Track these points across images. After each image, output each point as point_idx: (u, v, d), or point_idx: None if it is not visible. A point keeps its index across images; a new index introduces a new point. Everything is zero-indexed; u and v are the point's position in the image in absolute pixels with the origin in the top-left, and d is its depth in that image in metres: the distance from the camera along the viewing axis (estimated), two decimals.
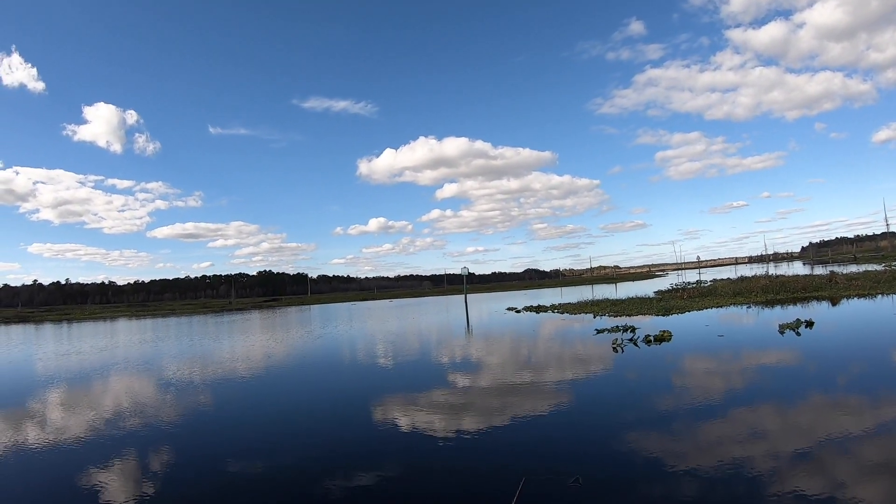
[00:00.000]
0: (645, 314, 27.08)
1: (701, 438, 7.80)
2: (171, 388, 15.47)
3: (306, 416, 11.55)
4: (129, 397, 14.58)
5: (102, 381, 17.98)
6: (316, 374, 17.47)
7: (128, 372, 19.75)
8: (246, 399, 13.81)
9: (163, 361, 22.37)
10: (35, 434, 10.89)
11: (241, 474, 7.99)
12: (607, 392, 11.38)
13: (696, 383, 11.45)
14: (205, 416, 11.98)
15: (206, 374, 17.89)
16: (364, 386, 14.56)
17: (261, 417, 11.60)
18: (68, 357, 26.29)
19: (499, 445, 8.36)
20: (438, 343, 23.92)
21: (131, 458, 8.95)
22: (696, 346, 16.00)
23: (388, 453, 8.38)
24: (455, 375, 14.72)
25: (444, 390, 12.81)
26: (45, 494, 7.52)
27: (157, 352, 26.94)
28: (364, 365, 18.72)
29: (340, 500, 6.69)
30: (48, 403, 14.35)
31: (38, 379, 19.39)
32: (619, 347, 16.50)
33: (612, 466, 7.12)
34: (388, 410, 11.25)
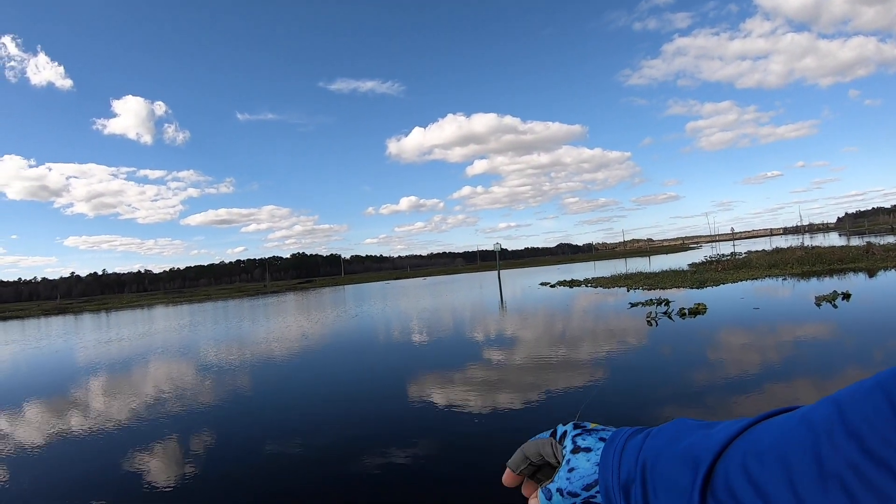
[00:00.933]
0: (679, 287, 26.84)
1: (737, 413, 7.61)
2: (211, 372, 15.82)
3: (343, 395, 11.67)
4: (170, 381, 14.92)
5: (143, 366, 18.43)
6: (352, 352, 17.67)
7: (168, 357, 20.27)
8: (284, 380, 14.04)
9: (201, 345, 22.90)
10: (81, 419, 11.21)
11: (279, 454, 8.11)
12: (642, 366, 11.30)
13: (732, 357, 11.30)
14: (244, 398, 12.20)
15: (244, 357, 18.23)
16: (399, 363, 14.69)
17: (298, 397, 11.79)
18: (110, 345, 27.02)
19: (534, 421, 8.34)
20: (472, 319, 23.99)
21: (173, 440, 9.17)
22: (731, 319, 15.80)
23: (425, 431, 8.45)
24: (490, 351, 14.76)
25: (480, 366, 12.85)
26: (92, 477, 7.69)
27: (195, 336, 27.57)
28: (399, 342, 18.87)
29: (378, 477, 6.77)
30: (93, 390, 14.75)
31: (83, 367, 19.92)
32: (654, 321, 16.40)
33: None
34: (424, 387, 11.33)
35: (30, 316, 78.78)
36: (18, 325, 54.96)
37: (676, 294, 23.48)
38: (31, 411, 12.61)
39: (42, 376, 18.27)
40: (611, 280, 36.34)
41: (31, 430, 10.67)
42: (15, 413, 12.49)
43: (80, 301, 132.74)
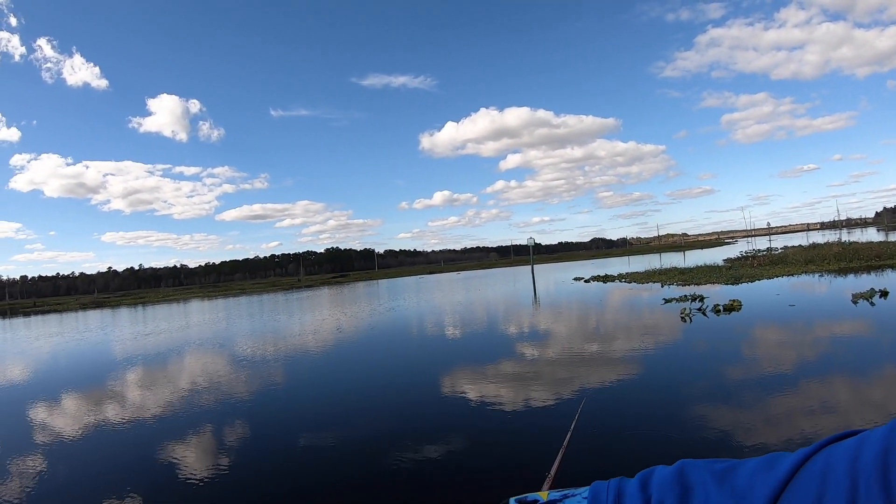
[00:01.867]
0: (714, 283, 26.56)
1: (770, 412, 7.64)
2: (246, 364, 16.07)
3: (377, 388, 11.78)
4: (206, 373, 15.19)
5: (181, 359, 18.82)
6: (386, 346, 17.85)
7: (204, 349, 20.65)
8: (318, 373, 14.20)
9: (237, 338, 23.26)
10: (118, 410, 11.47)
11: (313, 446, 8.22)
12: (675, 362, 11.25)
13: (767, 354, 11.18)
14: (278, 390, 12.38)
15: (278, 350, 18.50)
16: (433, 357, 14.81)
17: (332, 391, 11.91)
18: (148, 338, 27.56)
19: (567, 418, 8.33)
20: (506, 314, 24.02)
21: (208, 432, 9.34)
22: (766, 316, 15.59)
23: (457, 426, 8.49)
24: (523, 346, 14.78)
25: (513, 361, 12.90)
26: (127, 467, 7.85)
27: (230, 330, 28.05)
28: (433, 337, 18.99)
29: (410, 471, 6.81)
30: (131, 381, 15.08)
31: (122, 359, 20.36)
32: (688, 317, 16.22)
33: (680, 439, 7.05)
34: (457, 382, 11.38)
35: (68, 310, 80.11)
36: (57, 319, 56.17)
37: (711, 290, 23.23)
38: (70, 402, 12.99)
39: (82, 368, 18.77)
40: (645, 275, 36.03)
41: (70, 420, 10.95)
42: (55, 403, 12.87)
43: (117, 295, 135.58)
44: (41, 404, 12.82)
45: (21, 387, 15.60)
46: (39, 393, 14.19)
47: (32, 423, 10.99)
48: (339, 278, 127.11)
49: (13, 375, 17.98)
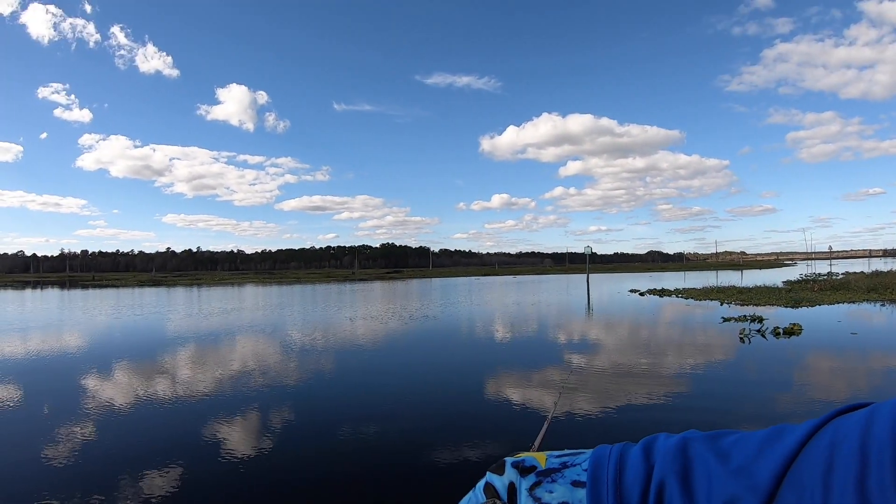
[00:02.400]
0: (773, 305, 26.21)
1: None
2: (296, 351, 16.60)
3: (423, 385, 11.95)
4: (256, 357, 15.66)
5: (233, 340, 19.45)
6: (436, 345, 18.24)
7: (257, 333, 21.34)
8: (366, 365, 14.48)
9: (290, 325, 24.01)
10: (167, 387, 11.83)
11: (354, 437, 8.34)
12: (733, 384, 11.30)
13: (826, 382, 11.17)
14: (325, 380, 12.68)
15: (329, 340, 19.01)
16: (482, 359, 15.03)
17: (378, 384, 12.06)
18: (206, 318, 28.64)
19: (608, 430, 8.39)
20: (559, 322, 24.22)
21: (253, 414, 9.60)
22: (827, 343, 15.44)
23: (500, 429, 8.57)
24: (573, 355, 14.99)
25: (561, 370, 13.05)
26: (170, 444, 8.07)
27: (285, 316, 28.89)
28: (484, 339, 19.33)
29: (448, 471, 6.90)
30: (182, 358, 15.61)
31: (177, 336, 21.06)
32: (747, 338, 16.21)
33: None
34: (503, 386, 11.50)
35: (126, 285, 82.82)
36: (115, 293, 58.01)
37: (770, 312, 23.01)
38: (123, 373, 13.54)
39: (138, 342, 19.56)
40: (702, 292, 35.72)
41: (121, 392, 11.42)
42: (107, 375, 13.34)
43: (173, 275, 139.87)
44: (97, 374, 13.43)
45: (79, 357, 16.24)
46: (96, 363, 14.85)
47: (87, 391, 11.57)
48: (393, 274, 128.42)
49: (71, 345, 18.86)
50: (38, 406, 10.47)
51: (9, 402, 10.70)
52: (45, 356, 16.23)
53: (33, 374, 13.58)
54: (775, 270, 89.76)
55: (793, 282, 43.36)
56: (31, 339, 19.82)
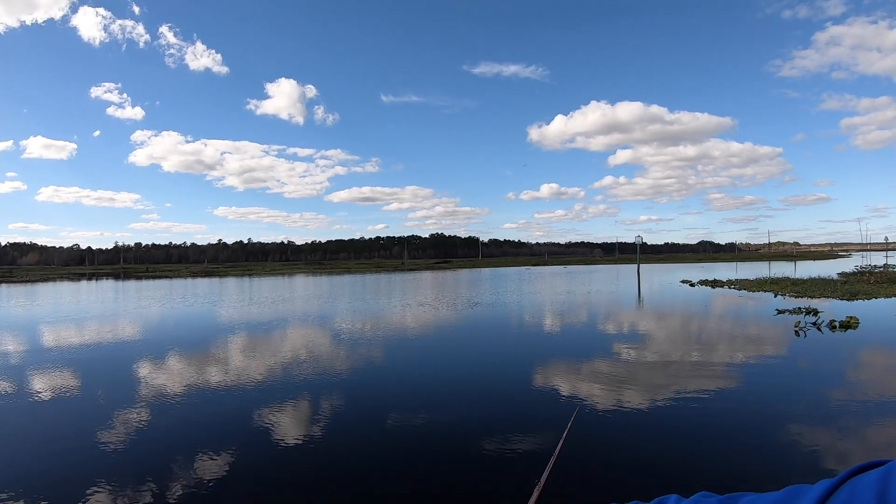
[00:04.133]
0: (828, 297, 25.59)
1: (877, 440, 7.60)
2: (346, 339, 16.94)
3: (470, 376, 11.97)
4: (308, 346, 16.05)
5: (284, 329, 19.97)
6: (484, 335, 18.32)
7: (308, 323, 21.86)
8: (414, 355, 14.70)
9: (341, 314, 24.47)
10: (220, 375, 12.18)
11: (400, 426, 8.48)
12: (788, 378, 11.17)
13: (884, 380, 10.94)
14: (373, 369, 12.91)
15: (378, 329, 19.38)
16: (531, 350, 15.12)
17: (426, 375, 12.24)
18: (258, 307, 29.42)
19: (660, 424, 8.34)
20: (609, 312, 24.20)
21: (304, 401, 9.86)
22: (886, 338, 15.12)
23: (547, 420, 8.58)
24: (622, 347, 14.93)
25: (610, 361, 12.99)
26: (222, 430, 8.35)
27: (336, 305, 29.45)
28: (532, 329, 19.46)
29: (497, 461, 6.92)
30: (234, 348, 15.99)
31: (230, 325, 21.69)
32: (802, 331, 16.02)
33: (771, 457, 6.97)
34: (551, 377, 11.53)
35: (178, 276, 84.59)
36: (168, 284, 59.31)
37: (825, 304, 22.53)
38: (177, 362, 13.90)
39: (192, 331, 20.29)
40: (756, 283, 35.03)
41: (175, 379, 11.79)
42: (162, 363, 13.76)
43: (225, 266, 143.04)
44: (152, 362, 13.89)
45: (134, 346, 16.75)
46: (152, 351, 15.33)
47: (142, 379, 11.98)
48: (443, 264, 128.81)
49: (127, 334, 19.58)
50: (94, 393, 10.86)
51: (67, 389, 11.17)
52: (101, 345, 16.87)
53: (91, 362, 14.12)
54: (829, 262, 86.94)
55: (848, 273, 42.14)
56: (88, 329, 20.63)
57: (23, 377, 12.19)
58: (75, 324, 22.19)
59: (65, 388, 11.16)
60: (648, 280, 46.39)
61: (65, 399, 10.39)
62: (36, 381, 11.77)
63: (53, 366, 13.41)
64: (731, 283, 36.44)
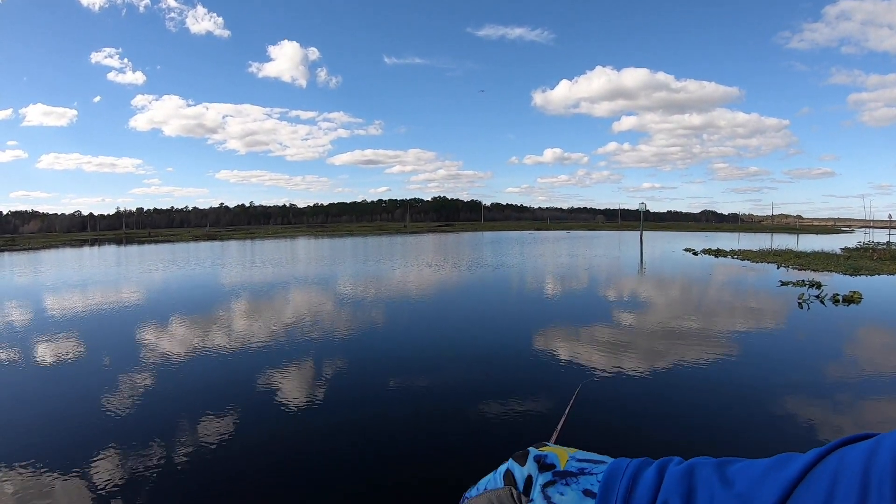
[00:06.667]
0: (831, 271, 25.62)
1: (872, 415, 7.66)
2: (348, 302, 17.11)
3: (470, 339, 12.17)
4: (310, 307, 16.22)
5: (286, 291, 20.19)
6: (485, 298, 18.56)
7: (311, 284, 22.18)
8: (415, 318, 14.87)
9: (346, 277, 24.70)
10: (223, 338, 12.29)
11: (400, 388, 8.63)
12: (791, 350, 11.30)
13: (885, 355, 11.02)
14: (374, 332, 13.07)
15: (380, 292, 19.56)
16: (531, 314, 15.31)
17: (426, 338, 12.40)
18: (261, 270, 29.77)
19: (660, 390, 8.43)
20: (611, 279, 24.38)
21: (302, 363, 10.01)
22: (889, 314, 15.19)
23: (545, 384, 8.71)
24: (625, 314, 15.05)
25: (612, 328, 13.12)
26: (225, 392, 8.48)
27: (339, 268, 29.76)
28: (534, 293, 19.66)
29: (495, 423, 7.07)
30: (237, 311, 16.15)
31: (232, 288, 21.92)
32: (805, 304, 16.11)
33: (765, 425, 7.11)
34: (551, 340, 11.66)
35: (180, 240, 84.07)
36: (170, 248, 58.93)
37: (827, 278, 22.55)
38: (180, 326, 14.04)
39: (194, 295, 20.33)
40: (759, 254, 35.11)
41: (178, 343, 11.91)
42: (166, 327, 13.81)
43: (227, 229, 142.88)
44: (155, 326, 13.95)
45: (137, 310, 16.76)
46: (155, 316, 15.37)
47: (146, 343, 12.05)
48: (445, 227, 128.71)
49: (129, 299, 19.58)
50: (99, 358, 10.94)
51: (72, 354, 11.30)
52: (105, 311, 16.81)
53: (96, 328, 14.19)
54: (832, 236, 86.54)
55: (851, 249, 42.12)
56: (91, 295, 20.56)
57: (29, 345, 12.22)
58: (79, 290, 22.15)
59: (71, 355, 11.22)
60: (651, 247, 46.43)
61: (71, 365, 10.46)
62: (42, 349, 11.84)
63: (59, 333, 13.44)
64: (733, 253, 36.53)
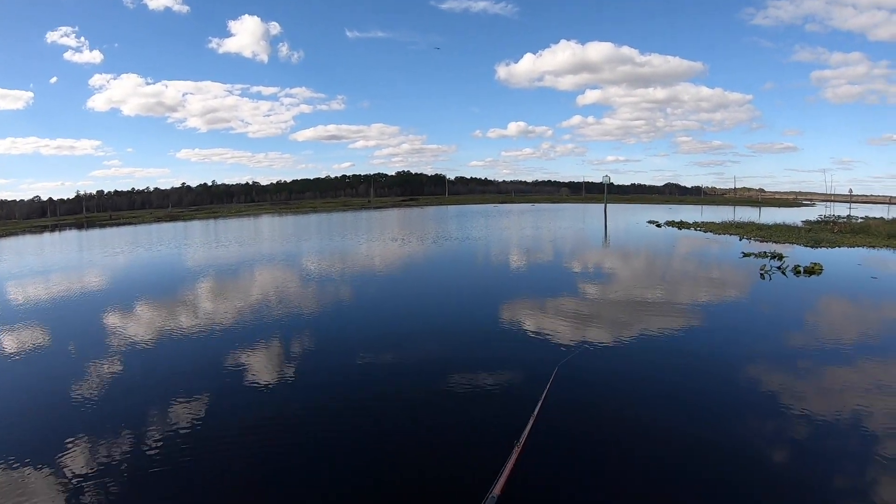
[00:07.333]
0: (792, 243, 25.77)
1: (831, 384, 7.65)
2: (314, 280, 16.75)
3: (437, 312, 12.11)
4: (275, 286, 15.81)
5: (251, 270, 19.69)
6: (451, 272, 18.40)
7: (275, 263, 21.59)
8: (381, 293, 14.68)
9: (310, 254, 24.20)
10: (188, 320, 11.94)
11: (371, 364, 8.60)
12: (752, 319, 11.35)
13: (846, 326, 11.04)
14: (342, 308, 12.87)
15: (346, 268, 19.18)
16: (497, 286, 15.22)
17: (393, 313, 12.25)
18: (224, 250, 28.67)
19: (624, 362, 8.42)
20: (576, 251, 24.32)
21: (273, 343, 9.81)
22: (848, 285, 15.28)
23: (513, 356, 8.68)
24: (590, 285, 14.98)
25: (578, 299, 13.06)
26: (193, 374, 8.33)
27: (303, 245, 29.05)
28: (499, 266, 19.54)
29: (461, 394, 7.13)
30: (201, 292, 15.62)
31: (195, 270, 21.22)
32: (767, 275, 16.16)
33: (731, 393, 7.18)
34: (517, 312, 11.60)
35: (143, 222, 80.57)
36: (132, 231, 56.05)
37: (789, 250, 22.62)
38: (144, 310, 13.54)
39: (157, 278, 19.52)
40: (721, 226, 35.30)
41: (143, 327, 11.48)
42: (130, 311, 13.32)
43: (190, 210, 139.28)
44: (119, 311, 13.40)
45: (100, 296, 16.03)
46: (119, 301, 14.67)
47: (111, 329, 11.57)
48: (409, 201, 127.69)
49: (91, 285, 18.59)
50: (65, 346, 10.50)
51: (39, 342, 10.76)
52: (66, 298, 16.01)
53: (59, 315, 13.49)
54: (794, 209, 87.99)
55: (812, 222, 42.63)
56: (54, 282, 19.45)
57: None
58: (42, 278, 20.84)
59: (35, 344, 10.69)
60: (615, 220, 46.49)
61: (36, 354, 9.99)
62: (5, 339, 11.17)
63: (23, 322, 12.73)
64: (697, 226, 36.72)
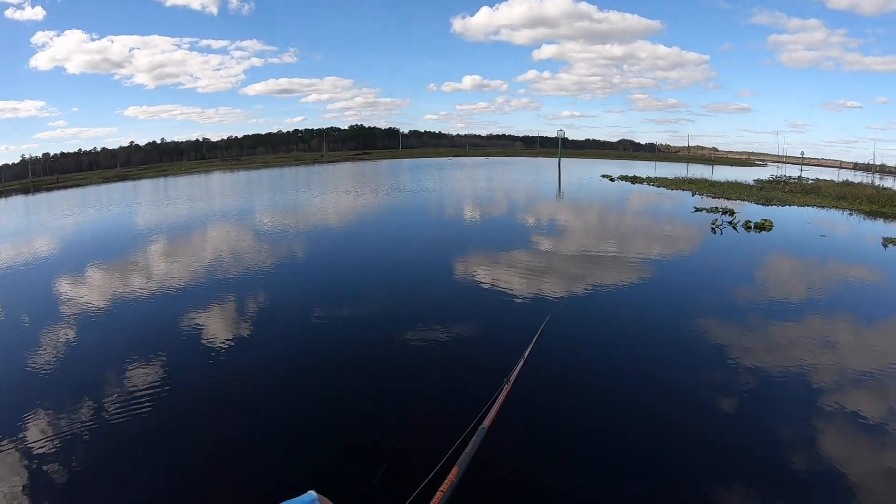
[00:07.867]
0: (744, 200, 25.77)
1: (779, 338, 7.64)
2: (267, 237, 15.90)
3: (390, 268, 11.83)
4: (228, 246, 14.91)
5: (203, 230, 18.48)
6: (404, 227, 17.77)
7: (227, 221, 20.24)
8: (335, 250, 14.23)
9: (260, 210, 23.04)
10: (139, 281, 11.23)
11: (325, 321, 8.41)
12: (703, 273, 11.28)
13: (793, 281, 11.03)
14: (296, 266, 12.37)
15: (299, 223, 18.36)
16: (450, 241, 14.76)
17: (347, 269, 11.88)
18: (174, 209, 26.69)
19: (569, 313, 8.33)
20: (528, 204, 23.88)
21: (228, 303, 9.36)
22: (797, 241, 15.23)
23: (465, 309, 8.61)
24: (546, 239, 14.63)
25: (529, 253, 12.82)
26: (149, 338, 7.87)
27: (257, 201, 27.80)
28: (452, 220, 18.98)
29: (418, 349, 7.04)
30: (152, 254, 14.56)
31: (147, 230, 19.39)
32: (718, 229, 16.01)
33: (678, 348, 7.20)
34: (470, 267, 11.41)
35: (91, 184, 75.02)
36: (80, 193, 52.13)
37: (741, 207, 22.55)
38: (95, 275, 12.48)
39: (107, 241, 17.80)
40: (674, 182, 35.27)
41: (96, 293, 10.66)
42: (81, 277, 12.29)
43: (139, 168, 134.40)
44: (70, 277, 12.25)
45: (48, 263, 14.49)
46: (66, 267, 13.42)
47: (63, 296, 10.69)
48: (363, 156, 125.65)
49: (42, 250, 16.65)
50: (17, 315, 9.65)
51: None
52: (13, 265, 14.34)
53: (6, 283, 12.26)
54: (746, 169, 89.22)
55: (764, 181, 43.06)
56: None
57: None
58: None
59: None
60: (569, 174, 46.10)
61: None
62: None
63: None
64: (650, 181, 36.62)
